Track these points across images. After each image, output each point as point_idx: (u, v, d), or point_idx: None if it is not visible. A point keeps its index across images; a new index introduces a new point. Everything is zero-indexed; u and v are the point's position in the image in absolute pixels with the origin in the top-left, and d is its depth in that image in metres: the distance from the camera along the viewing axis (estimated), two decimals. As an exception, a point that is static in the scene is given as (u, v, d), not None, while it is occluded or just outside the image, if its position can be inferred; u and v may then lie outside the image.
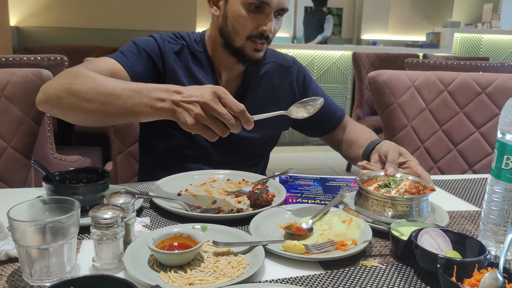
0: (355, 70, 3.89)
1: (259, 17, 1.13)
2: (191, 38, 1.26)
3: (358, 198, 0.93)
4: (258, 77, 1.29)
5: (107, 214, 0.68)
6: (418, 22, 7.58)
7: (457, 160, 1.51)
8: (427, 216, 0.90)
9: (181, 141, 1.23)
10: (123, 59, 1.13)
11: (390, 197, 0.87)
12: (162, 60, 1.19)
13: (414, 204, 0.87)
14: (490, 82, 1.49)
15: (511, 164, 0.75)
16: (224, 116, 0.83)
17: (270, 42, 1.19)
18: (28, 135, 1.27)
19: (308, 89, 1.35)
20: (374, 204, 0.89)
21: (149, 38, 1.21)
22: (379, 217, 0.87)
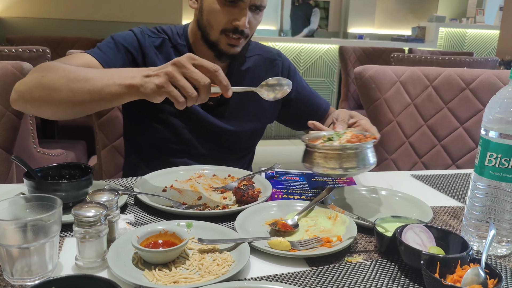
0: (341, 64, 3.90)
1: (234, 11, 1.11)
2: (173, 31, 1.24)
3: (304, 156, 0.93)
4: (243, 71, 1.28)
5: (90, 212, 0.67)
6: (404, 16, 7.63)
7: (441, 155, 1.53)
8: (372, 164, 0.90)
9: (165, 135, 1.22)
10: (99, 54, 1.11)
11: (331, 147, 0.88)
12: (142, 54, 1.18)
13: (355, 153, 0.87)
14: (474, 78, 1.51)
15: (494, 161, 0.76)
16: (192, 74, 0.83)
17: (247, 37, 1.17)
18: (8, 129, 1.25)
19: (293, 81, 1.34)
20: (317, 157, 0.89)
21: (128, 32, 1.19)
22: (327, 170, 0.88)
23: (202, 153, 1.25)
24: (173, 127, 1.22)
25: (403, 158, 1.53)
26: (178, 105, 0.84)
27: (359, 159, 0.88)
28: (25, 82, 0.99)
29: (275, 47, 4.79)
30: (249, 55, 1.30)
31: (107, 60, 1.10)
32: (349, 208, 0.94)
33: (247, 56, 1.30)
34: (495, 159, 0.76)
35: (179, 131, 1.22)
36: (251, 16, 1.13)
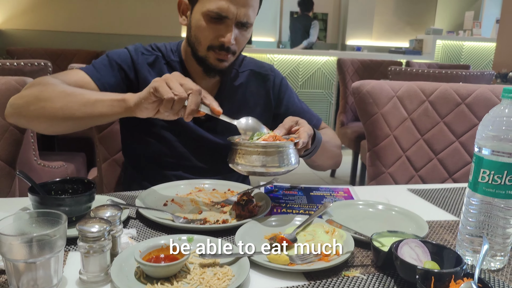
0: (339, 77, 3.93)
1: (220, 28, 1.14)
2: (167, 48, 1.28)
3: (229, 156, 0.97)
4: (235, 86, 1.31)
5: (94, 228, 0.69)
6: (402, 29, 7.71)
7: (438, 169, 1.55)
8: (294, 165, 0.95)
9: (159, 149, 1.25)
10: (93, 71, 1.15)
11: (240, 143, 0.93)
12: (135, 71, 1.21)
13: (266, 151, 0.91)
14: (470, 92, 1.54)
15: (487, 177, 0.78)
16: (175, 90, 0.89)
17: (235, 54, 1.19)
18: (11, 143, 1.27)
19: (284, 96, 1.37)
20: (237, 155, 0.94)
21: (122, 50, 1.24)
22: (248, 168, 0.92)
23: (196, 166, 1.28)
24: (166, 141, 1.25)
25: (400, 172, 1.55)
26: (156, 103, 0.90)
27: (276, 159, 0.92)
28: (21, 96, 1.03)
29: (273, 59, 4.87)
30: (242, 70, 1.33)
31: (100, 78, 1.15)
32: (346, 223, 0.95)
33: (240, 71, 1.33)
34: (488, 175, 0.78)
35: (172, 144, 1.25)
36: (238, 33, 1.15)
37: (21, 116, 1.03)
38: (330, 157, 1.30)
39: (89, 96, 0.99)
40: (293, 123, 1.07)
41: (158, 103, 0.91)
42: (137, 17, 4.46)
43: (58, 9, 4.34)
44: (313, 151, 1.14)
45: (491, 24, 6.87)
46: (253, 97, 1.33)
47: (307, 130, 1.04)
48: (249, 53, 4.79)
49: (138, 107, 0.93)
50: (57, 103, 0.99)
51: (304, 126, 1.05)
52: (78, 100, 0.99)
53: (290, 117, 1.09)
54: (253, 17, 1.17)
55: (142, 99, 0.92)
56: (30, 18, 4.33)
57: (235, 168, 0.96)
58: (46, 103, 0.99)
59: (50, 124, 1.03)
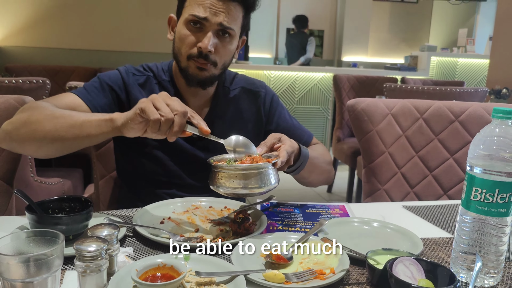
0: (335, 93, 3.97)
1: (198, 35, 1.16)
2: (158, 68, 1.31)
3: (210, 178, 0.99)
4: (226, 103, 1.33)
5: (91, 247, 0.69)
6: (397, 45, 7.82)
7: (433, 185, 1.56)
8: (274, 184, 0.97)
9: (152, 168, 1.27)
10: (84, 93, 1.17)
11: (220, 167, 0.96)
12: (126, 92, 1.24)
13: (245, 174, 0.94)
14: (463, 110, 1.56)
15: (479, 195, 0.79)
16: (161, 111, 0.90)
17: (216, 65, 1.20)
18: (9, 161, 1.27)
19: (274, 112, 1.39)
20: (217, 178, 0.96)
21: (113, 72, 1.26)
22: (230, 190, 0.95)
23: (189, 184, 1.29)
24: (159, 161, 1.26)
25: (395, 188, 1.56)
26: (143, 123, 0.91)
27: (254, 180, 0.94)
28: (12, 121, 1.06)
29: (270, 75, 4.92)
30: (233, 87, 1.35)
31: (91, 100, 1.17)
32: (342, 240, 0.96)
33: (231, 89, 1.35)
34: (480, 194, 0.79)
35: (165, 163, 1.27)
36: (217, 42, 1.17)
37: (12, 140, 1.05)
38: (319, 173, 1.31)
39: (77, 118, 1.01)
40: (276, 140, 1.08)
41: (144, 123, 0.93)
42: (134, 35, 4.51)
43: (56, 27, 4.39)
44: (299, 167, 1.16)
45: (485, 41, 6.98)
46: (244, 114, 1.35)
47: (287, 148, 1.05)
48: (246, 69, 4.83)
49: (125, 127, 0.95)
50: (46, 125, 1.00)
51: (285, 144, 1.07)
52: (66, 122, 1.00)
53: (273, 134, 1.11)
54: (235, 27, 1.18)
55: (128, 120, 0.93)
56: (29, 35, 4.37)
57: (216, 190, 0.98)
58: (36, 126, 1.01)
59: (39, 147, 1.05)
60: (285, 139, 1.09)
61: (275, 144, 1.08)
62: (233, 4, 1.16)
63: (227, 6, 1.15)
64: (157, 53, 4.45)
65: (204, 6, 1.13)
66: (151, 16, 4.49)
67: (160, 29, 4.39)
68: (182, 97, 1.29)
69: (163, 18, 4.73)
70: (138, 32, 4.51)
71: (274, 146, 1.08)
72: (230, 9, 1.15)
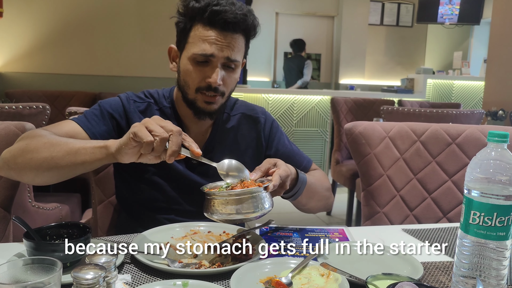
0: (333, 115, 4.00)
1: (206, 70, 1.18)
2: (159, 95, 1.32)
3: (204, 205, 1.00)
4: (226, 129, 1.34)
5: (88, 275, 0.68)
6: (393, 68, 7.92)
7: (432, 208, 1.56)
8: (268, 208, 0.99)
9: (151, 194, 1.27)
10: (84, 121, 1.19)
11: (212, 193, 0.97)
12: (126, 119, 1.25)
13: (237, 199, 0.95)
14: (460, 133, 1.57)
15: (478, 219, 0.79)
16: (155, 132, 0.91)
17: (223, 94, 1.22)
18: (8, 188, 1.27)
19: (274, 138, 1.40)
20: (210, 206, 0.97)
21: (114, 99, 1.28)
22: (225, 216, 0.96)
23: (188, 210, 1.29)
24: (158, 186, 1.27)
25: (394, 211, 1.56)
26: (137, 147, 0.92)
27: (246, 205, 0.95)
28: (10, 150, 1.07)
29: (268, 98, 4.96)
30: (234, 113, 1.37)
31: (90, 127, 1.18)
32: (341, 265, 0.96)
33: (232, 115, 1.36)
34: (478, 217, 0.79)
35: (164, 189, 1.27)
36: (224, 74, 1.19)
37: (10, 169, 1.06)
38: (318, 200, 1.31)
39: (73, 145, 1.02)
40: (271, 165, 1.09)
41: (138, 147, 0.93)
42: (133, 60, 4.57)
43: (56, 53, 4.44)
44: (297, 192, 1.16)
45: (479, 63, 7.07)
46: (244, 140, 1.36)
47: (280, 172, 1.06)
48: (245, 93, 4.87)
49: (119, 152, 0.95)
50: (42, 153, 1.01)
51: (280, 169, 1.08)
52: (62, 150, 1.01)
53: (268, 159, 1.12)
54: (239, 58, 1.21)
55: (122, 145, 0.94)
56: (29, 61, 4.42)
57: (210, 217, 0.99)
58: (33, 154, 1.02)
59: (36, 175, 1.05)
60: (281, 164, 1.10)
61: (270, 169, 1.09)
62: (236, 35, 1.18)
63: (231, 38, 1.17)
64: (156, 78, 4.49)
65: (209, 41, 1.15)
66: (150, 42, 4.56)
67: (159, 54, 4.45)
68: (184, 124, 1.30)
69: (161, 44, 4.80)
70: (137, 57, 4.56)
71: (269, 171, 1.08)
72: (234, 41, 1.17)
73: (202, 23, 1.16)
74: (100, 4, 4.46)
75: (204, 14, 1.15)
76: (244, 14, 1.17)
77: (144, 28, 4.56)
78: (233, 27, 1.16)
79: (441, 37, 7.98)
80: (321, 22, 7.78)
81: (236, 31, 1.17)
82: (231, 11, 1.15)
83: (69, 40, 4.44)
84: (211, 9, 1.14)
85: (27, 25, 4.35)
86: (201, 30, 1.16)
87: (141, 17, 4.56)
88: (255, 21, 1.21)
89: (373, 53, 7.76)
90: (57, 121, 1.20)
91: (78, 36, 4.46)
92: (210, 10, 1.14)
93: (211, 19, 1.15)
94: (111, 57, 4.54)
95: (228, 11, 1.14)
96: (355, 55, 7.40)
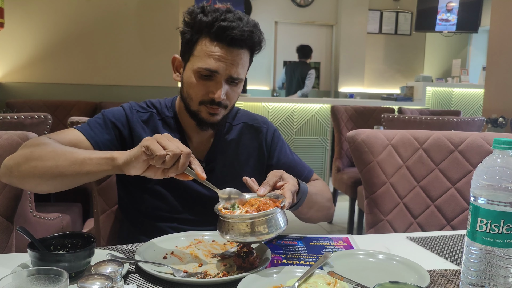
0: (334, 123, 4.00)
1: (210, 84, 1.18)
2: (161, 104, 1.33)
3: (218, 225, 0.99)
4: (228, 139, 1.35)
5: (95, 285, 0.68)
6: (392, 76, 7.94)
7: (435, 216, 1.56)
8: (283, 228, 0.97)
9: (154, 204, 1.27)
10: (87, 130, 1.19)
11: (229, 217, 0.95)
12: (129, 129, 1.25)
13: (254, 222, 0.93)
14: (462, 140, 1.57)
15: (485, 226, 0.79)
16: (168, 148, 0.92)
17: (226, 107, 1.23)
18: (11, 198, 1.27)
19: (276, 147, 1.40)
20: (226, 227, 0.96)
21: (117, 108, 1.28)
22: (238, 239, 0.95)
23: (190, 219, 1.28)
24: (161, 196, 1.27)
25: (398, 219, 1.55)
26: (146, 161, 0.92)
27: (256, 228, 0.94)
28: (13, 157, 1.06)
29: (268, 106, 4.97)
30: (236, 123, 1.37)
31: (93, 136, 1.18)
32: (347, 273, 0.95)
33: (234, 124, 1.37)
34: (485, 224, 0.79)
35: (166, 199, 1.27)
36: (228, 88, 1.20)
37: (12, 176, 1.05)
38: (318, 210, 1.31)
39: (78, 155, 1.02)
40: (277, 178, 1.09)
41: (148, 161, 0.94)
42: (134, 69, 4.58)
43: (57, 63, 4.45)
44: (298, 203, 1.16)
45: (478, 71, 7.09)
46: (246, 150, 1.36)
47: (291, 188, 1.06)
48: (245, 101, 4.88)
49: (128, 165, 0.95)
50: (47, 161, 1.01)
51: (289, 183, 1.08)
52: (67, 159, 1.01)
53: (273, 172, 1.11)
54: (243, 74, 1.21)
55: (132, 157, 0.94)
56: (30, 71, 4.43)
57: (225, 238, 0.98)
58: (37, 162, 1.02)
59: (39, 183, 1.04)
60: (287, 177, 1.10)
61: (277, 182, 1.08)
62: (242, 51, 1.18)
63: (236, 54, 1.17)
64: (156, 87, 4.50)
65: (215, 57, 1.15)
66: (150, 51, 4.57)
67: (160, 64, 4.47)
68: (186, 134, 1.30)
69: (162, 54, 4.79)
70: (138, 67, 4.57)
71: (277, 185, 1.08)
72: (239, 57, 1.17)
73: (209, 37, 1.16)
74: (101, 14, 4.48)
75: (211, 29, 1.15)
76: (251, 31, 1.17)
77: (145, 37, 4.58)
78: (239, 44, 1.16)
79: (440, 45, 8.02)
80: (320, 30, 7.82)
81: (242, 47, 1.17)
82: (238, 28, 1.14)
83: (69, 50, 4.46)
84: (218, 25, 1.14)
85: (28, 35, 4.37)
86: (207, 44, 1.16)
87: (141, 26, 4.58)
88: (261, 36, 1.21)
89: (372, 61, 7.79)
90: (58, 130, 1.20)
91: (79, 46, 4.47)
92: (217, 26, 1.14)
93: (218, 35, 1.15)
94: (112, 67, 4.55)
95: (236, 27, 1.14)
96: (354, 63, 7.43)
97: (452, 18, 6.84)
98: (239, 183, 1.30)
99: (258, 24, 1.21)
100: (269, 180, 1.07)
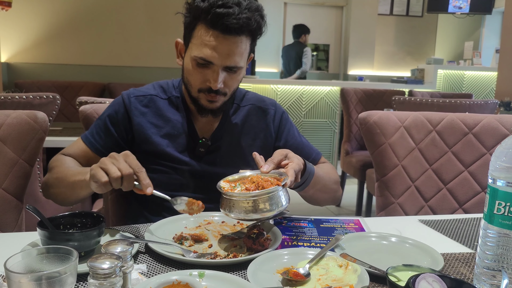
0: (343, 106, 3.96)
1: (207, 72, 1.17)
2: (169, 85, 1.33)
3: (221, 202, 0.99)
4: (235, 119, 1.33)
5: (105, 264, 0.67)
6: (402, 58, 7.81)
7: (447, 199, 1.53)
8: (285, 206, 0.97)
9: (160, 184, 1.26)
10: (89, 138, 1.27)
11: (231, 194, 0.96)
12: (128, 118, 1.27)
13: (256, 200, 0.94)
14: (477, 122, 1.54)
15: (503, 209, 0.77)
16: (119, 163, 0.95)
17: (226, 95, 1.22)
18: (21, 176, 1.27)
19: (284, 129, 1.38)
20: (228, 205, 0.96)
21: (117, 99, 1.31)
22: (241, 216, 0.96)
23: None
24: (168, 175, 1.28)
25: (409, 202, 1.53)
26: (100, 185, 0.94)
27: (258, 205, 0.94)
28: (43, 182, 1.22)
29: (277, 89, 4.92)
30: (243, 104, 1.36)
31: (94, 143, 1.26)
32: (360, 256, 0.94)
33: (241, 106, 1.35)
34: (503, 207, 0.77)
35: (174, 177, 1.27)
36: (226, 75, 1.18)
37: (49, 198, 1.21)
38: (325, 192, 1.30)
39: (69, 179, 1.11)
40: (282, 156, 1.08)
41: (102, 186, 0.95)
42: (142, 50, 4.55)
43: (65, 43, 4.43)
44: (304, 183, 1.14)
45: (491, 53, 6.95)
46: (253, 131, 1.34)
47: (294, 167, 1.04)
48: (253, 83, 4.84)
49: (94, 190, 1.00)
50: (57, 188, 1.16)
51: (293, 162, 1.06)
52: (64, 185, 1.12)
53: (279, 150, 1.10)
54: (241, 61, 1.18)
55: (88, 186, 0.98)
56: (38, 52, 4.42)
57: (227, 215, 0.98)
58: (53, 189, 1.17)
59: (62, 202, 1.21)
60: (292, 156, 1.09)
61: (282, 160, 1.07)
62: (239, 38, 1.14)
63: (233, 42, 1.14)
64: (164, 68, 4.47)
65: (210, 46, 1.13)
66: (158, 32, 4.53)
67: (167, 45, 4.43)
68: (192, 113, 1.29)
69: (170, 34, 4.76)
70: (146, 47, 4.54)
71: (282, 163, 1.06)
72: (235, 45, 1.14)
73: (205, 24, 1.13)
74: (108, -6, 4.44)
75: (207, 16, 1.11)
76: (248, 18, 1.12)
77: (153, 18, 4.53)
78: (235, 31, 1.12)
79: (452, 27, 7.85)
80: (329, 12, 7.68)
81: (239, 34, 1.14)
82: (234, 15, 1.10)
83: (78, 30, 4.43)
84: (214, 11, 1.10)
85: (36, 15, 4.34)
86: (203, 31, 1.14)
87: (149, 7, 4.53)
88: (260, 21, 1.17)
89: (382, 43, 7.66)
90: (66, 111, 1.26)
91: (87, 26, 4.44)
92: (213, 12, 1.10)
93: (214, 22, 1.11)
94: (120, 48, 4.52)
95: (231, 14, 1.10)
96: (364, 45, 7.30)
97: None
98: (244, 163, 1.29)
99: (260, 7, 1.16)
100: (274, 157, 1.06)
